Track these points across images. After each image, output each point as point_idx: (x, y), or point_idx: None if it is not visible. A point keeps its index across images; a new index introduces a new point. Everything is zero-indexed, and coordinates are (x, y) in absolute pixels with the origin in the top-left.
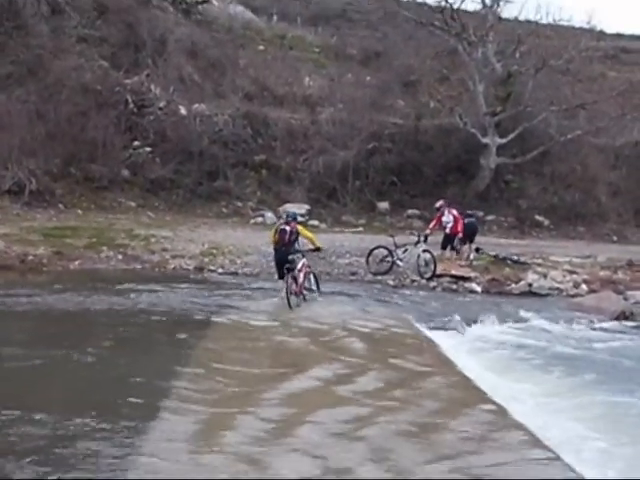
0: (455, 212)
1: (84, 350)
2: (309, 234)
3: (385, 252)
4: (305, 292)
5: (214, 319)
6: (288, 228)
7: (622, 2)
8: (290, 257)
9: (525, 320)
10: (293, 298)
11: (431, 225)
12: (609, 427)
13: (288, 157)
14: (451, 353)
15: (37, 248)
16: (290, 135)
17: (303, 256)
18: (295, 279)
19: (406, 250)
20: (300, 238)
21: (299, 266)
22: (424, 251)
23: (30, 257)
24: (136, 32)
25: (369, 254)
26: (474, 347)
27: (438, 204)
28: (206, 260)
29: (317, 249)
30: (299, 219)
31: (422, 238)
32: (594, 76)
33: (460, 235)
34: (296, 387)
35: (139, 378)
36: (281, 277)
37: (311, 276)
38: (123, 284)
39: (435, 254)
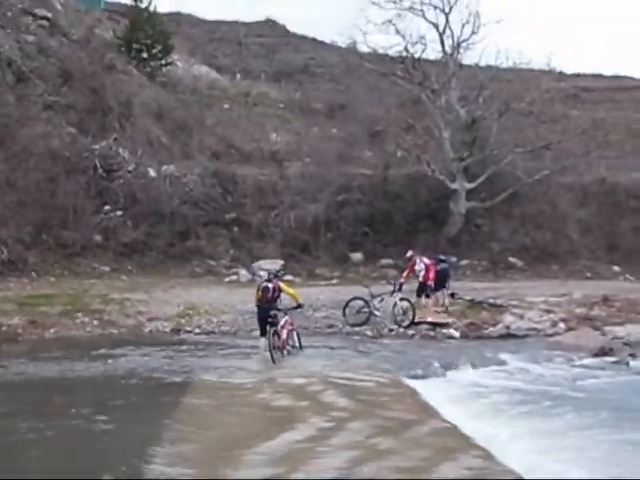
0: (426, 260)
1: (64, 418)
2: (291, 291)
3: (361, 303)
4: (288, 348)
5: (194, 380)
6: (271, 285)
7: (579, 43)
8: (272, 312)
9: (505, 363)
10: (276, 353)
11: (404, 274)
12: (598, 465)
13: (259, 213)
14: (433, 400)
15: (11, 318)
16: (259, 191)
17: (285, 314)
18: (278, 334)
19: (382, 300)
20: (282, 294)
21: (282, 322)
22: (401, 299)
23: (4, 327)
24: (102, 97)
25: (345, 306)
26: (455, 393)
27: (409, 254)
28: (182, 321)
29: (299, 305)
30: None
31: (397, 287)
32: (557, 116)
33: (430, 282)
34: (281, 445)
35: (121, 443)
36: (263, 334)
37: (294, 333)
38: (100, 350)
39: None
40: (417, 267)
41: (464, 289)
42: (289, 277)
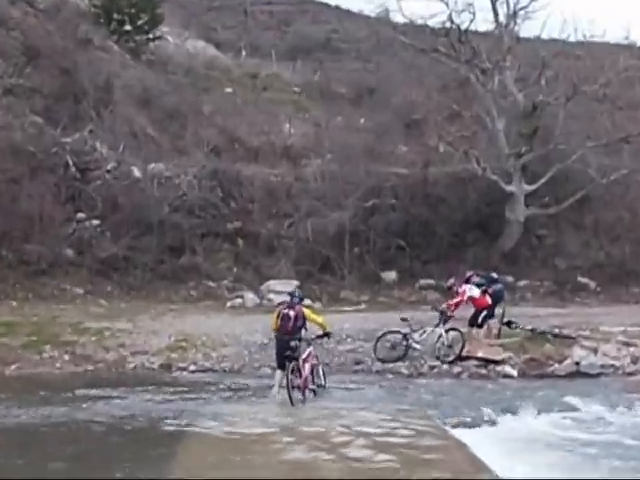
0: (476, 279)
1: (30, 475)
2: (319, 319)
3: (399, 337)
4: (313, 387)
5: (189, 430)
6: (292, 313)
7: None
8: (293, 344)
9: (574, 408)
10: (296, 393)
11: (453, 305)
12: None
13: (269, 223)
14: (485, 455)
15: None
16: (270, 195)
17: (309, 344)
18: (299, 370)
19: (424, 332)
20: (307, 323)
21: (304, 355)
22: (448, 330)
23: None
24: (75, 79)
25: (377, 341)
26: (512, 447)
27: (449, 282)
28: (174, 356)
29: (327, 334)
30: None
31: (444, 318)
32: (637, 101)
33: (485, 309)
34: None
35: None
36: (281, 367)
37: (319, 369)
38: (73, 391)
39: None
40: (468, 292)
41: (523, 316)
42: (307, 302)
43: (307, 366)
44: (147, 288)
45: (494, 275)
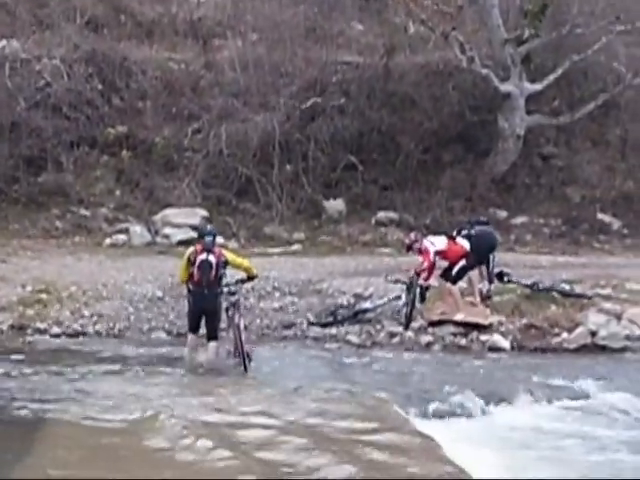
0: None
1: None
2: (244, 262)
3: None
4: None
5: (48, 417)
6: (213, 259)
7: None
8: (234, 299)
9: (586, 395)
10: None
11: (425, 270)
12: None
13: (166, 128)
14: (465, 459)
15: None
16: (169, 90)
17: (233, 293)
18: (239, 330)
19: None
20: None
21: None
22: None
23: None
24: None
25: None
26: (499, 447)
27: (409, 239)
28: (30, 313)
29: (252, 278)
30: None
31: (416, 286)
32: None
33: (463, 262)
34: None
35: None
36: (194, 330)
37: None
38: None
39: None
40: (432, 248)
41: (519, 266)
42: (218, 240)
43: (242, 324)
44: None
45: (482, 218)
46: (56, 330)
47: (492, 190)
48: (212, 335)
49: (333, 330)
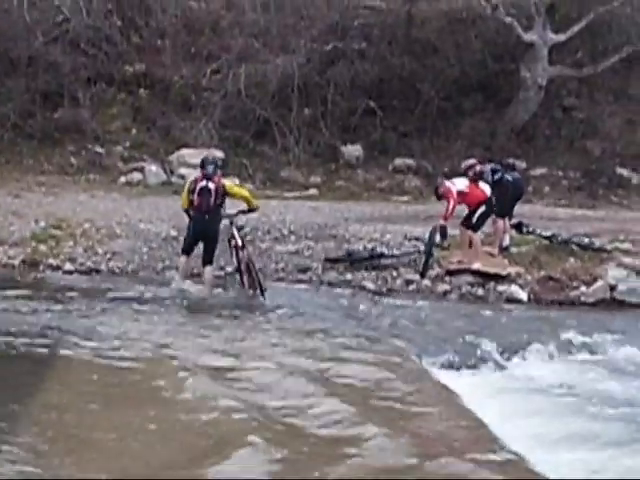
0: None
1: None
2: (244, 192)
3: None
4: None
5: (58, 353)
6: (212, 185)
7: None
8: (218, 226)
9: (604, 350)
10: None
11: (447, 211)
12: None
13: (185, 67)
14: (482, 410)
15: None
16: (188, 28)
17: (231, 223)
18: (253, 263)
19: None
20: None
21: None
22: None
23: None
24: None
25: None
26: (521, 400)
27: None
28: (43, 249)
29: (252, 209)
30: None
31: (434, 234)
32: None
33: (483, 203)
34: None
35: None
36: (187, 252)
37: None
38: None
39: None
40: (454, 188)
41: (537, 217)
42: (235, 181)
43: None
44: (7, 151)
45: (510, 161)
46: (69, 267)
47: (512, 140)
48: (208, 260)
49: (348, 276)
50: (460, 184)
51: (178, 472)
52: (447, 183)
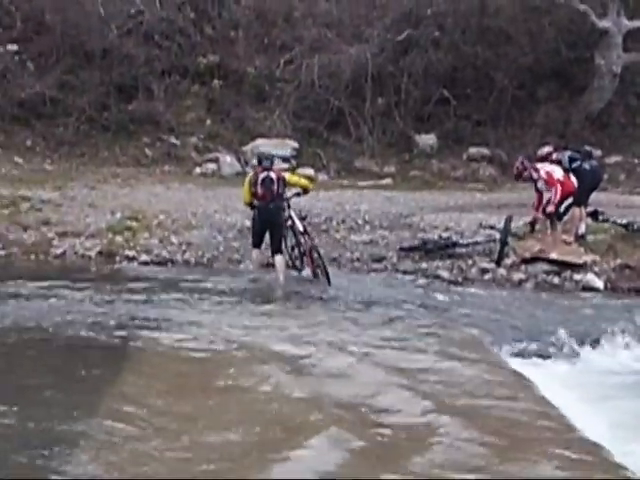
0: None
1: None
2: (302, 180)
3: None
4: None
5: (135, 344)
6: (274, 175)
7: None
8: (283, 214)
9: None
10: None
11: (536, 202)
12: None
13: (258, 58)
14: (559, 400)
15: None
16: (261, 19)
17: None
18: (318, 250)
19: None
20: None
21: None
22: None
23: None
24: None
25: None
26: (598, 390)
27: (519, 165)
28: (119, 240)
29: (306, 192)
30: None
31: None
32: None
33: (572, 194)
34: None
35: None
36: (257, 245)
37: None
38: None
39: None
40: (556, 174)
41: (612, 205)
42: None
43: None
44: (83, 144)
45: (587, 148)
46: (144, 258)
47: (586, 128)
48: (277, 248)
49: (423, 265)
50: (558, 172)
51: (253, 462)
52: (546, 167)
